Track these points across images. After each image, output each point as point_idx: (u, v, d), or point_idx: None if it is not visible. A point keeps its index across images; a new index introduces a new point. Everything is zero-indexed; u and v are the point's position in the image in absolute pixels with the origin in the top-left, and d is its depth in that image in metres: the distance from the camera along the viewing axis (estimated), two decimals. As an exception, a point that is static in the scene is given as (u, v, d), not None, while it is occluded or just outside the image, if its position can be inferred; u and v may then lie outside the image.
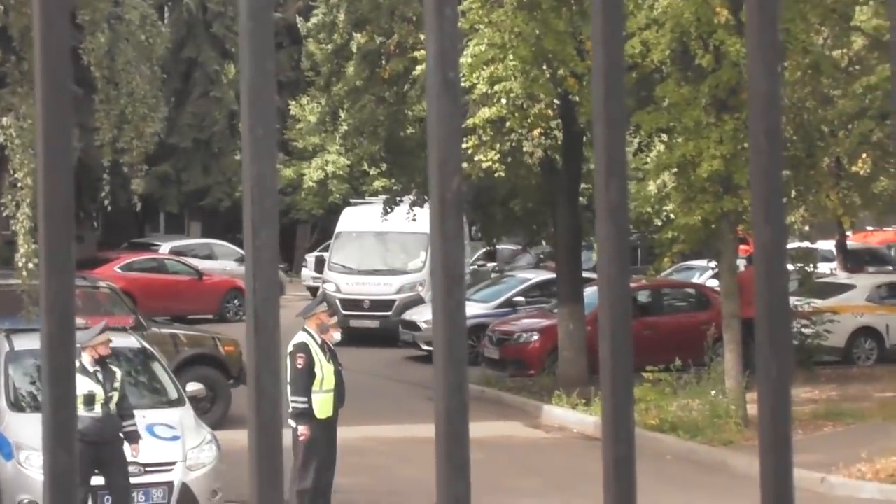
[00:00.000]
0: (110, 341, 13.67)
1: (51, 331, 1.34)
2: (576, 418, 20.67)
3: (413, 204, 27.19)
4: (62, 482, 1.25)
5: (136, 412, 13.64)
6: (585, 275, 25.44)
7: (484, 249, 37.88)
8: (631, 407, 1.51)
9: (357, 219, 28.29)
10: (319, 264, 35.47)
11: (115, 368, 13.59)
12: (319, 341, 14.15)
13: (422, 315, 28.70)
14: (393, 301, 30.46)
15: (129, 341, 16.10)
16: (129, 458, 13.29)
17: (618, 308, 1.49)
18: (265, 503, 1.31)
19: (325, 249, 43.22)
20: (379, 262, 32.11)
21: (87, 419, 12.95)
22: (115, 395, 13.26)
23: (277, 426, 1.34)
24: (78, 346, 13.11)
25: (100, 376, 13.17)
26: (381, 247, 32.08)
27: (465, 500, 1.41)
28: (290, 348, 13.97)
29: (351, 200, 32.55)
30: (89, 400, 13.06)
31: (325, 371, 14.09)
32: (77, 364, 12.93)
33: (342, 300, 31.01)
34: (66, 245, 1.34)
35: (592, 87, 1.49)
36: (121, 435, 13.28)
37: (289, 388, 13.97)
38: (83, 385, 13.02)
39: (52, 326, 1.34)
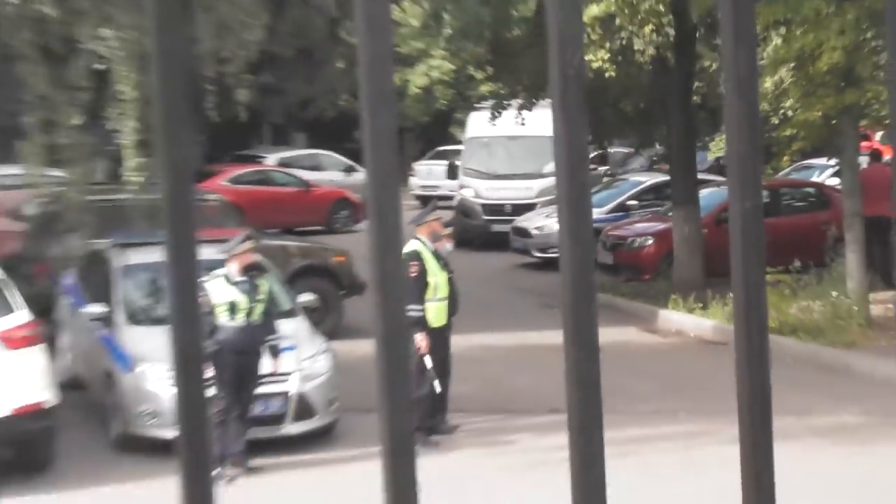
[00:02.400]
0: (254, 250, 13.82)
1: (174, 241, 1.34)
2: (693, 322, 20.58)
3: (521, 107, 27.00)
4: (189, 367, 1.26)
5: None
6: (700, 176, 25.25)
7: (596, 152, 37.62)
8: (763, 291, 1.48)
9: (486, 123, 28.25)
10: (452, 170, 35.64)
11: (262, 282, 13.76)
12: (432, 249, 14.22)
13: (533, 222, 28.70)
14: (534, 205, 30.44)
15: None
16: (267, 370, 13.51)
17: (749, 187, 1.46)
18: (394, 409, 1.31)
19: (434, 157, 43.31)
20: (515, 167, 32.19)
21: (229, 328, 13.20)
22: (259, 307, 13.43)
23: (402, 312, 1.33)
24: (223, 255, 13.37)
25: (244, 287, 13.35)
26: (514, 151, 32.10)
27: (596, 386, 1.40)
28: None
29: (475, 105, 32.49)
30: (232, 309, 13.27)
31: (438, 279, 14.18)
32: (222, 274, 13.16)
33: (482, 205, 31.53)
34: (187, 154, 1.33)
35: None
36: (262, 347, 13.48)
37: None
38: (227, 294, 13.25)
39: (175, 236, 1.34)
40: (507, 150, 32.29)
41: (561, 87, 1.38)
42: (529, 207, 30.15)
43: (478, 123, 30.61)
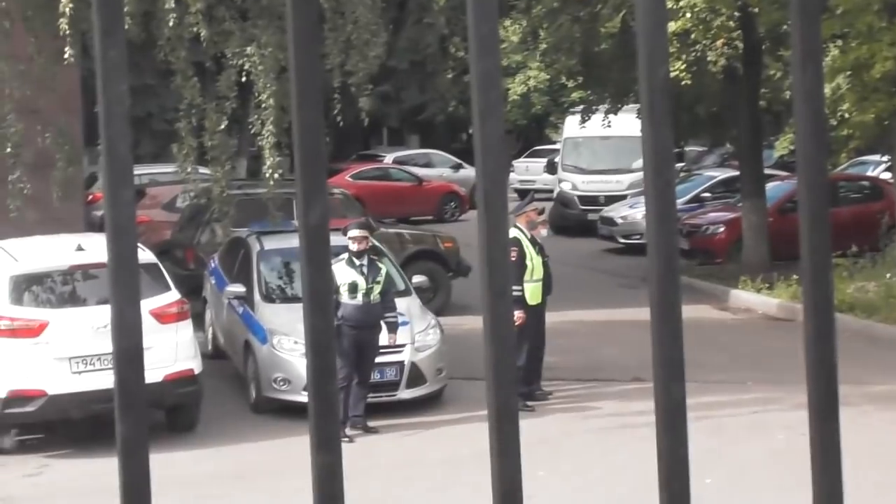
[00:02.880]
0: (369, 240, 13.81)
1: (310, 224, 1.34)
2: (760, 301, 20.36)
3: (607, 112, 26.96)
4: (320, 344, 1.27)
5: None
6: (766, 171, 24.99)
7: (674, 151, 37.38)
8: (830, 274, 1.45)
9: (581, 126, 28.66)
10: (551, 166, 36.18)
11: (381, 265, 13.81)
12: (529, 236, 14.22)
13: (618, 212, 28.68)
14: (625, 196, 30.51)
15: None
16: (383, 343, 13.57)
17: (814, 182, 1.43)
18: (500, 367, 1.30)
19: (531, 156, 43.18)
20: (607, 163, 32.50)
21: (350, 306, 13.27)
22: (377, 288, 13.47)
23: (507, 293, 1.33)
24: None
25: (364, 269, 13.41)
26: (606, 149, 32.33)
27: (680, 362, 1.39)
28: None
29: (571, 111, 32.67)
30: (352, 288, 13.33)
31: (534, 263, 14.16)
32: (346, 257, 13.24)
33: (580, 196, 31.90)
34: (318, 152, 1.34)
35: (789, -22, 1.43)
36: (381, 323, 13.53)
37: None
38: (349, 275, 13.32)
39: (312, 219, 1.35)
40: (600, 149, 32.50)
41: (649, 97, 1.37)
42: (621, 198, 30.14)
43: (573, 125, 30.59)
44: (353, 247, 13.46)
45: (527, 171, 41.52)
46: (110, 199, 1.23)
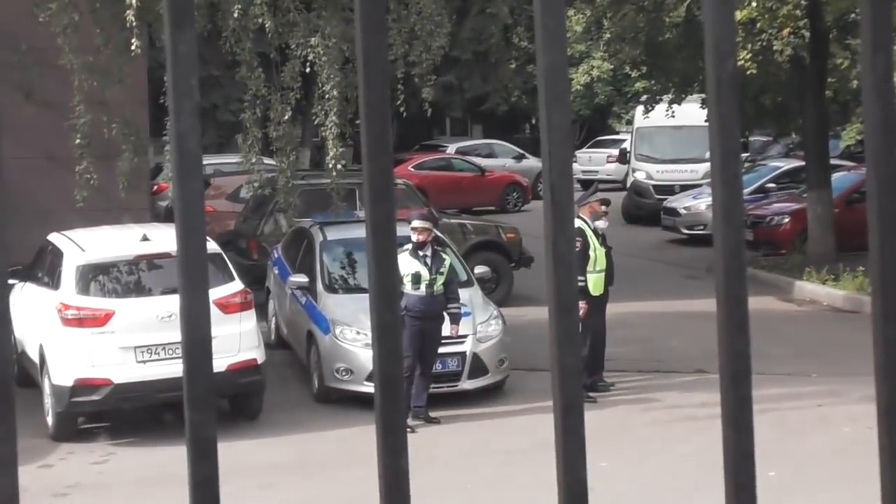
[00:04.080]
0: (432, 231, 13.83)
1: (374, 215, 1.35)
2: (825, 292, 20.17)
3: (672, 102, 26.83)
4: (388, 334, 1.27)
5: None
6: (832, 162, 24.73)
7: (740, 143, 37.30)
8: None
9: (650, 117, 28.71)
10: (622, 155, 36.52)
11: (444, 256, 13.82)
12: (593, 226, 14.20)
13: (681, 202, 28.54)
14: (700, 184, 30.45)
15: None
16: (446, 333, 13.57)
17: (885, 175, 1.42)
18: (565, 361, 1.31)
19: (594, 146, 43.03)
20: (681, 152, 32.59)
21: (413, 296, 13.27)
22: (440, 279, 13.47)
23: (573, 285, 1.33)
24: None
25: (427, 260, 13.41)
26: (679, 139, 32.47)
27: (747, 357, 1.38)
28: None
29: (640, 101, 32.69)
30: (416, 279, 13.33)
31: (597, 253, 14.14)
32: (409, 248, 13.27)
33: (655, 186, 32.03)
34: (385, 139, 1.34)
35: (858, -31, 1.42)
36: (444, 314, 13.54)
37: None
38: (412, 266, 13.34)
39: (375, 212, 1.35)
40: (672, 138, 32.58)
41: (716, 90, 1.36)
42: (696, 187, 30.06)
43: (643, 115, 30.49)
44: (416, 238, 13.47)
45: (590, 161, 41.39)
46: (180, 193, 1.25)
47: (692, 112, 28.27)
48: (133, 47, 14.35)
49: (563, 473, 1.32)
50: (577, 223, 14.10)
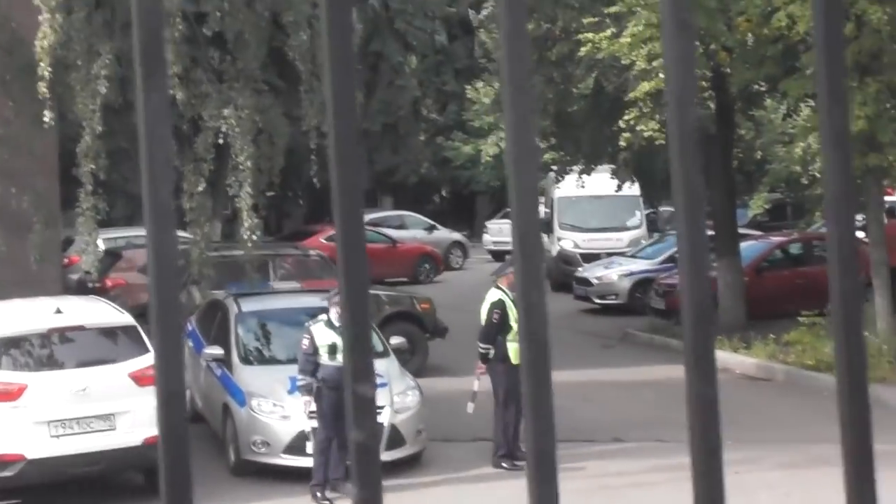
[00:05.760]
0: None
1: (348, 285, 1.34)
2: (737, 360, 20.36)
3: (581, 172, 27.17)
4: (365, 408, 1.26)
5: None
6: (741, 231, 25.13)
7: (648, 211, 37.84)
8: (861, 323, 1.46)
9: (571, 186, 29.17)
10: (546, 225, 36.97)
11: None
12: (512, 297, 14.27)
13: (593, 272, 28.76)
14: (624, 253, 30.84)
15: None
16: None
17: (844, 226, 1.44)
18: (538, 430, 1.30)
19: (505, 217, 43.29)
20: (605, 221, 33.21)
21: (330, 367, 13.15)
22: None
23: (544, 336, 1.33)
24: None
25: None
26: (601, 208, 33.00)
27: (715, 406, 1.39)
28: (486, 304, 14.23)
29: (551, 170, 33.20)
30: (332, 350, 13.22)
31: (517, 324, 14.21)
32: (325, 318, 13.19)
33: (581, 254, 32.37)
34: (357, 208, 1.34)
35: (814, 23, 1.44)
36: None
37: (480, 335, 14.29)
38: (328, 337, 13.24)
39: (348, 271, 1.34)
40: (595, 207, 33.05)
41: (679, 140, 1.38)
42: (623, 255, 30.42)
43: (565, 185, 30.82)
44: (334, 309, 13.40)
45: (500, 231, 41.64)
46: (153, 242, 1.23)
47: (602, 182, 28.67)
48: (46, 119, 14.23)
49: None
50: (497, 294, 14.21)
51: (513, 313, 14.09)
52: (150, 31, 1.19)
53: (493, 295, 14.30)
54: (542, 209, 35.71)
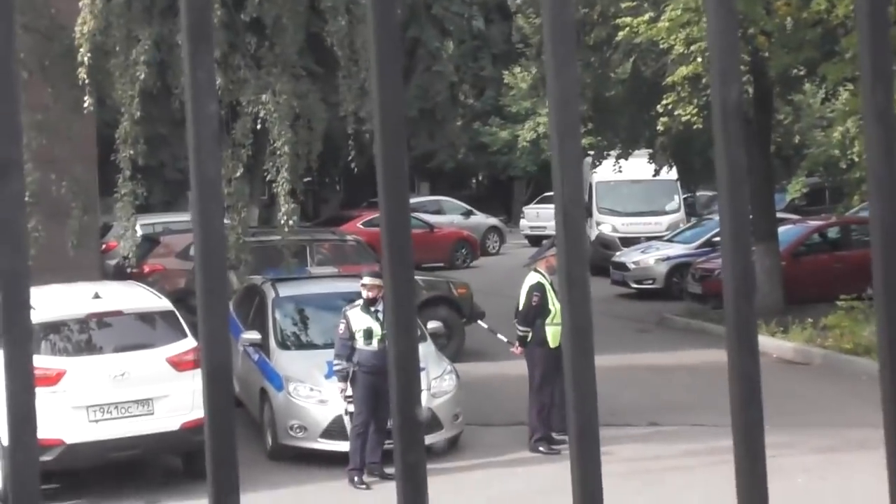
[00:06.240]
0: (383, 287, 13.83)
1: (391, 260, 1.34)
2: (774, 344, 20.29)
3: (619, 157, 27.13)
4: (406, 365, 1.27)
5: (386, 347, 13.85)
6: (778, 215, 25.02)
7: (686, 195, 37.81)
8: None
9: (609, 171, 29.11)
10: (585, 210, 37.08)
11: None
12: (550, 280, 14.28)
13: (630, 257, 28.71)
14: (661, 237, 30.85)
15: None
16: None
17: (886, 206, 1.44)
18: (580, 384, 1.31)
19: (541, 202, 43.26)
20: (644, 205, 33.37)
21: (366, 352, 13.20)
22: None
23: (587, 306, 1.34)
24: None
25: (379, 315, 13.33)
26: (640, 192, 33.16)
27: (757, 380, 1.39)
28: (526, 287, 14.25)
29: (587, 155, 33.19)
30: (368, 335, 13.27)
31: (556, 307, 14.20)
32: (360, 303, 13.24)
33: (620, 238, 32.36)
34: (403, 187, 1.34)
35: (856, 0, 1.44)
36: None
37: (517, 317, 14.31)
38: (364, 321, 13.29)
39: (391, 254, 1.35)
40: (633, 192, 33.19)
41: (722, 117, 1.38)
42: (660, 239, 30.41)
43: (603, 170, 30.80)
44: (367, 294, 13.45)
45: (538, 217, 41.59)
46: (199, 219, 1.24)
47: (639, 167, 28.65)
48: (85, 105, 14.30)
49: (580, 498, 1.32)
50: (536, 278, 14.22)
51: (552, 296, 14.10)
52: (197, 9, 1.20)
53: (533, 278, 14.32)
54: None
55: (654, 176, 29.05)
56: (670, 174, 31.23)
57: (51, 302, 13.55)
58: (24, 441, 1.16)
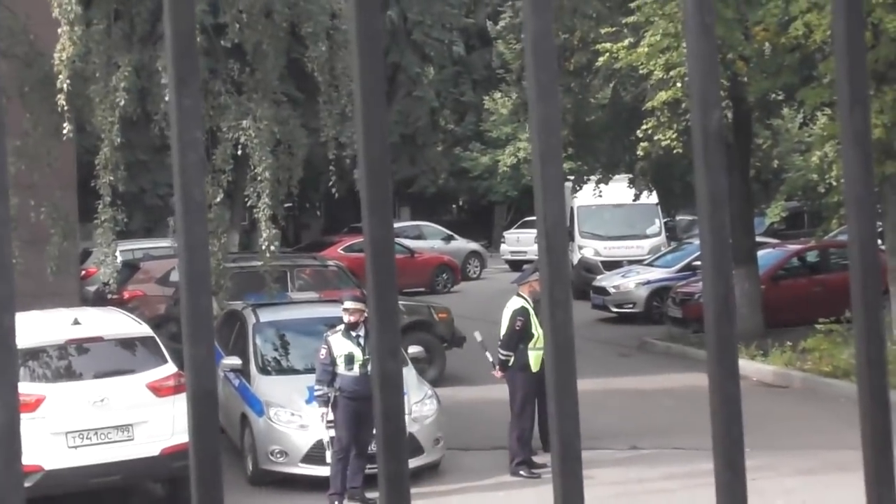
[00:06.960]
0: (364, 312, 13.82)
1: (376, 282, 1.35)
2: (754, 368, 20.33)
3: (599, 181, 27.21)
4: (391, 383, 1.28)
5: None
6: (758, 239, 25.11)
7: (666, 219, 37.94)
8: (882, 326, 1.47)
9: (590, 195, 29.23)
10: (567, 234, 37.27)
11: None
12: (533, 304, 14.29)
13: (610, 281, 28.75)
14: (642, 261, 30.94)
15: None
16: None
17: (864, 227, 1.46)
18: (562, 398, 1.32)
19: (521, 227, 43.31)
20: (624, 230, 33.49)
21: (347, 377, 13.19)
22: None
23: (569, 332, 1.35)
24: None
25: (361, 341, 13.31)
26: (620, 217, 33.26)
27: (737, 402, 1.40)
28: (508, 311, 14.28)
29: (568, 179, 33.24)
30: (349, 360, 13.25)
31: (539, 331, 14.21)
32: (342, 328, 13.23)
33: (602, 262, 32.53)
34: (387, 211, 1.35)
35: (834, 20, 1.46)
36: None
37: (500, 342, 14.33)
38: (344, 346, 13.27)
39: (376, 276, 1.36)
40: (614, 216, 33.30)
41: (703, 141, 1.40)
42: (640, 263, 30.50)
43: (584, 194, 30.87)
44: (349, 319, 13.44)
45: (518, 241, 41.65)
46: (184, 245, 1.25)
47: (620, 191, 28.75)
48: (65, 131, 14.29)
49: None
50: (520, 302, 14.25)
51: (535, 321, 14.12)
52: (182, 38, 1.21)
53: (516, 303, 14.36)
54: None
55: (635, 200, 29.13)
56: (651, 198, 31.36)
57: (30, 328, 13.48)
58: (10, 466, 1.16)
